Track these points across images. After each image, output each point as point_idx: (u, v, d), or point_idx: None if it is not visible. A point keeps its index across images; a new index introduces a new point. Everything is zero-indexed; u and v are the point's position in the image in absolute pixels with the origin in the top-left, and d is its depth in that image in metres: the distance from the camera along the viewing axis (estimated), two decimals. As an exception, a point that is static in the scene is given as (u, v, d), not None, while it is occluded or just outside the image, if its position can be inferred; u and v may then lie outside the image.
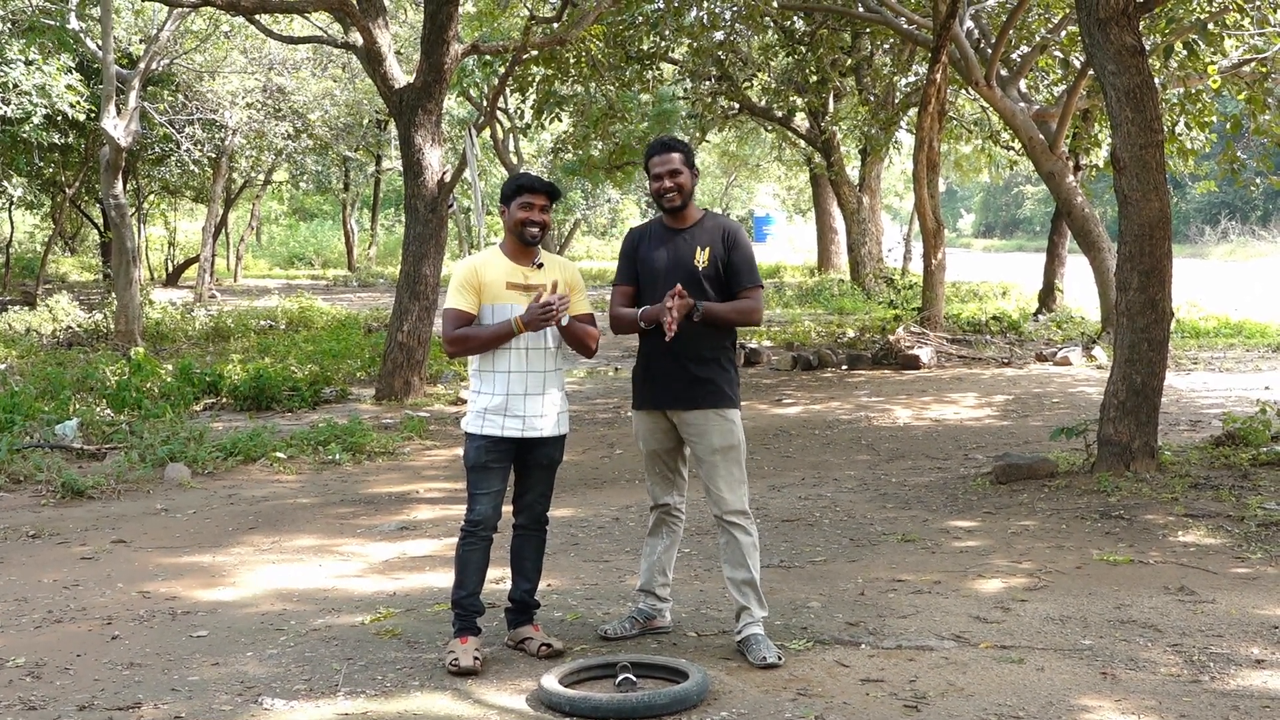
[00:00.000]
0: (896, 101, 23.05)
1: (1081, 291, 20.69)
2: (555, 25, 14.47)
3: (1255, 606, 5.39)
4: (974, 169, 31.63)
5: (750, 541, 4.94)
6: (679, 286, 4.80)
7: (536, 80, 18.44)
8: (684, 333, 4.87)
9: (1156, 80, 10.35)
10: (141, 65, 18.63)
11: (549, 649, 4.88)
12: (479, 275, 4.85)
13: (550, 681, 4.42)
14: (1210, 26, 13.26)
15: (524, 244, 4.89)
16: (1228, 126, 13.83)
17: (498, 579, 5.68)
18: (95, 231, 32.20)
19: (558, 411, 4.96)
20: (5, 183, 24.74)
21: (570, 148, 25.01)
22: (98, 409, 11.44)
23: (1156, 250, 8.05)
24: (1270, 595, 5.57)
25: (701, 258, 4.96)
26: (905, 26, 17.72)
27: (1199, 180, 19.30)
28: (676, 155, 4.99)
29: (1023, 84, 17.73)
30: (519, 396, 4.84)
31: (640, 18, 17.37)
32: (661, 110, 24.74)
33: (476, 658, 4.70)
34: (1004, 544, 6.73)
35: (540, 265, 4.94)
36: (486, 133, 28.57)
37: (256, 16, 14.10)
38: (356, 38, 12.85)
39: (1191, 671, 4.61)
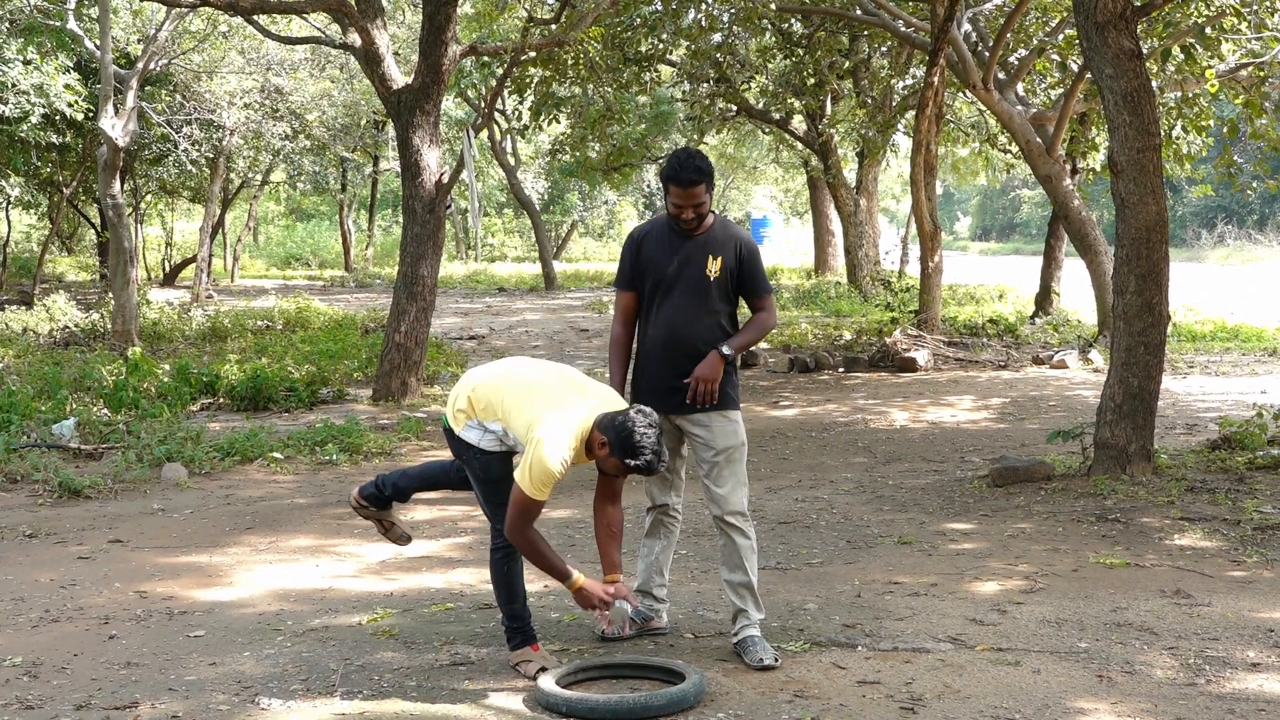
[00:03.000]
0: (894, 104, 23.06)
1: (1078, 295, 20.71)
2: (553, 27, 14.47)
3: (1251, 610, 5.40)
4: (971, 172, 31.66)
5: (748, 544, 4.95)
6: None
7: (534, 82, 18.44)
8: (686, 337, 4.90)
9: (1154, 84, 10.37)
10: (139, 65, 18.61)
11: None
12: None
13: (547, 682, 4.43)
14: (1208, 31, 13.30)
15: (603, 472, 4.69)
16: (1225, 130, 13.87)
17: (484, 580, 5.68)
18: (92, 231, 32.15)
19: None
20: (3, 182, 24.71)
21: (568, 149, 25.05)
22: (95, 409, 11.43)
23: (1153, 254, 8.07)
24: (1266, 599, 5.58)
25: (713, 267, 4.93)
26: (903, 29, 17.74)
27: (1196, 184, 19.35)
28: (700, 186, 4.83)
29: (1020, 87, 17.75)
30: None
31: (638, 20, 17.39)
32: (659, 112, 24.83)
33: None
34: (1000, 547, 6.74)
35: None
36: (484, 134, 28.59)
37: (255, 17, 14.09)
38: (355, 38, 12.84)
39: (1187, 675, 4.62)
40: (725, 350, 4.85)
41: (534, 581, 5.92)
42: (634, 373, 5.14)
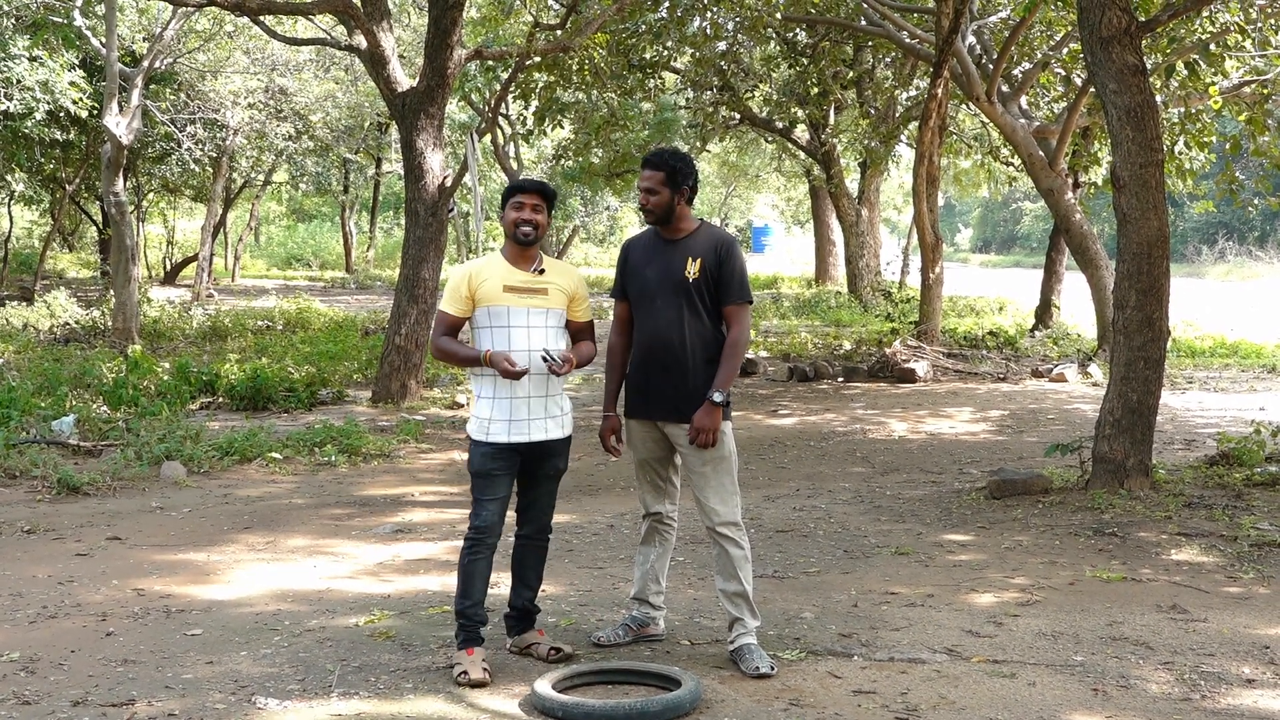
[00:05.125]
0: (897, 115, 23.11)
1: (1078, 308, 20.74)
2: (559, 32, 14.50)
3: (1247, 626, 5.41)
4: (973, 184, 31.70)
5: (742, 554, 4.95)
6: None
7: (539, 87, 18.48)
8: (671, 340, 4.90)
9: (1157, 99, 10.39)
10: (145, 63, 18.65)
11: (558, 652, 4.90)
12: (472, 282, 4.88)
13: (543, 686, 4.44)
14: (1212, 47, 13.34)
15: (519, 244, 4.90)
16: (1227, 147, 13.89)
17: (494, 582, 5.68)
18: (94, 228, 32.20)
19: (561, 413, 4.97)
20: (6, 177, 24.73)
21: (571, 155, 25.08)
22: (94, 406, 11.44)
23: (1154, 269, 8.08)
24: (1262, 615, 5.59)
25: (692, 269, 4.94)
26: (908, 41, 17.78)
27: (1197, 200, 19.36)
28: (657, 174, 4.95)
29: (1023, 100, 17.79)
30: (522, 400, 4.83)
31: (643, 26, 17.43)
32: (662, 119, 24.82)
33: (485, 669, 4.69)
34: (997, 559, 6.75)
35: (541, 271, 4.94)
36: (488, 138, 28.58)
37: (261, 17, 14.12)
38: (360, 40, 12.87)
39: (1183, 690, 4.63)
40: (716, 397, 4.86)
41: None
42: (627, 375, 5.16)
